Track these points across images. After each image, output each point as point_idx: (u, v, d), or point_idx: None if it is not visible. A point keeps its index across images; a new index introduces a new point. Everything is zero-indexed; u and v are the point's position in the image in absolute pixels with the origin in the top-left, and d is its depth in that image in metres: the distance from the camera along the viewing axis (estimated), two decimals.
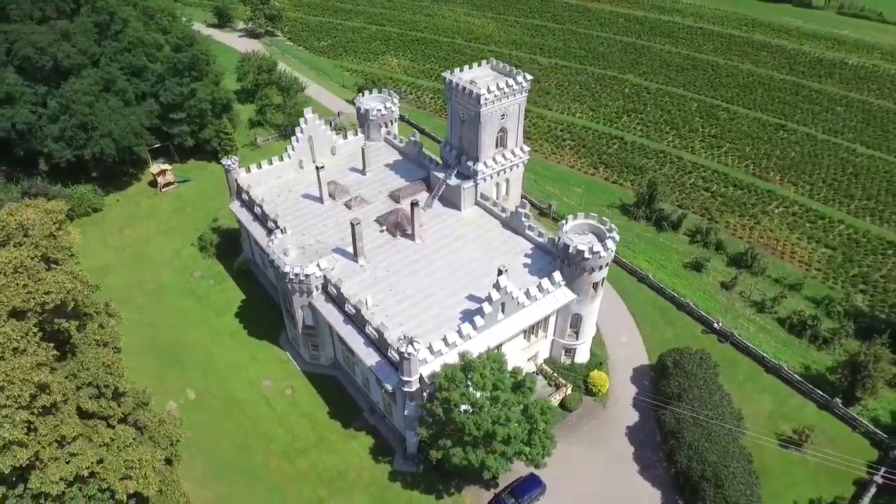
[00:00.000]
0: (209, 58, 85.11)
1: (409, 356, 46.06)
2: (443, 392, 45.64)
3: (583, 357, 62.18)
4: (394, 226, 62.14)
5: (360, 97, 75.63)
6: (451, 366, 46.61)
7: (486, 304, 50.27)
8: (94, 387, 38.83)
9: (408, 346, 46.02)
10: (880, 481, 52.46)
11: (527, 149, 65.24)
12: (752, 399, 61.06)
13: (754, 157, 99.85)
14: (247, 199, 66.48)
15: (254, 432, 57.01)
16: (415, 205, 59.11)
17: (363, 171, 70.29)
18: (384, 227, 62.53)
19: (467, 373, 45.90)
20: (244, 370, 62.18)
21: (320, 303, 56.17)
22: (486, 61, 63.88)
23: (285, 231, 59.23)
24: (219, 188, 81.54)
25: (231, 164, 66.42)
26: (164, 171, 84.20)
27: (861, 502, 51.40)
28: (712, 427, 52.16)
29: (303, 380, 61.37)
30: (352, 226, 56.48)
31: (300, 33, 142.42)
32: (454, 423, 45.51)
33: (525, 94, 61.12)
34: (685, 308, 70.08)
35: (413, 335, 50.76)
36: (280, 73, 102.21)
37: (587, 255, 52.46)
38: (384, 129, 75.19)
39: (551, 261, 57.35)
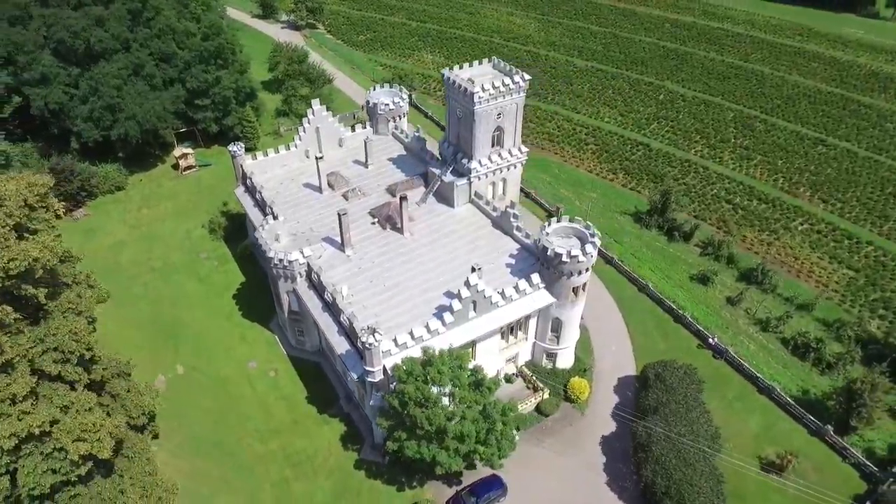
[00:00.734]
0: (235, 47, 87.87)
1: (370, 346, 46.60)
2: (400, 384, 46.01)
3: (566, 362, 61.36)
4: (385, 219, 62.81)
5: (371, 91, 76.61)
6: (412, 359, 46.88)
7: (456, 301, 50.31)
8: (59, 352, 40.90)
9: (369, 337, 46.56)
10: None
11: (525, 149, 64.74)
12: (740, 419, 59.01)
13: (786, 172, 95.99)
14: (250, 185, 68.41)
15: (233, 410, 58.75)
16: (403, 199, 59.58)
17: (365, 163, 71.21)
18: (376, 220, 63.28)
19: (426, 367, 46.08)
20: (233, 350, 64.10)
21: (303, 289, 57.37)
22: (488, 59, 63.73)
23: (277, 217, 60.73)
24: None
25: (237, 150, 68.48)
26: (185, 154, 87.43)
27: None
28: (683, 444, 50.69)
29: (287, 363, 62.83)
30: (339, 216, 57.44)
31: (341, 27, 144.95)
32: (409, 416, 45.80)
33: (523, 94, 60.67)
34: (682, 321, 68.18)
35: (387, 327, 51.53)
36: (308, 64, 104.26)
37: (565, 258, 51.79)
38: (392, 124, 75.94)
39: (534, 262, 56.85)
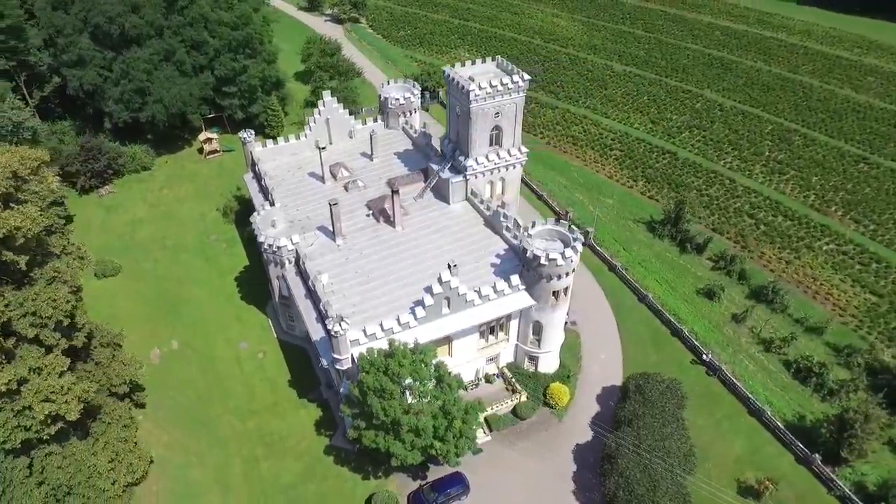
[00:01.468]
0: (263, 37, 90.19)
1: (336, 334, 47.34)
2: (362, 374, 46.57)
3: (549, 367, 60.62)
4: (379, 211, 63.47)
5: (384, 86, 77.45)
6: (375, 350, 47.35)
7: (428, 297, 50.49)
8: (37, 316, 43.21)
9: (336, 325, 47.30)
10: None
11: (525, 150, 64.18)
12: (724, 440, 57.05)
13: (819, 189, 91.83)
14: (258, 172, 70.30)
15: (218, 388, 60.69)
16: (396, 192, 60.07)
17: (371, 156, 72.10)
18: (371, 212, 64.04)
19: (388, 359, 46.46)
20: (228, 330, 66.15)
21: (291, 275, 58.66)
22: (492, 58, 63.47)
23: (274, 204, 62.26)
24: None
25: (247, 136, 70.46)
26: (210, 139, 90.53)
27: None
28: (651, 459, 49.41)
29: (276, 347, 64.42)
30: (330, 206, 58.43)
31: (383, 22, 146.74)
32: (368, 405, 46.30)
33: (523, 94, 60.18)
34: (679, 335, 66.29)
35: (364, 317, 52.22)
36: (339, 57, 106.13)
37: (543, 261, 51.19)
38: (402, 119, 76.58)
39: (518, 264, 56.40)
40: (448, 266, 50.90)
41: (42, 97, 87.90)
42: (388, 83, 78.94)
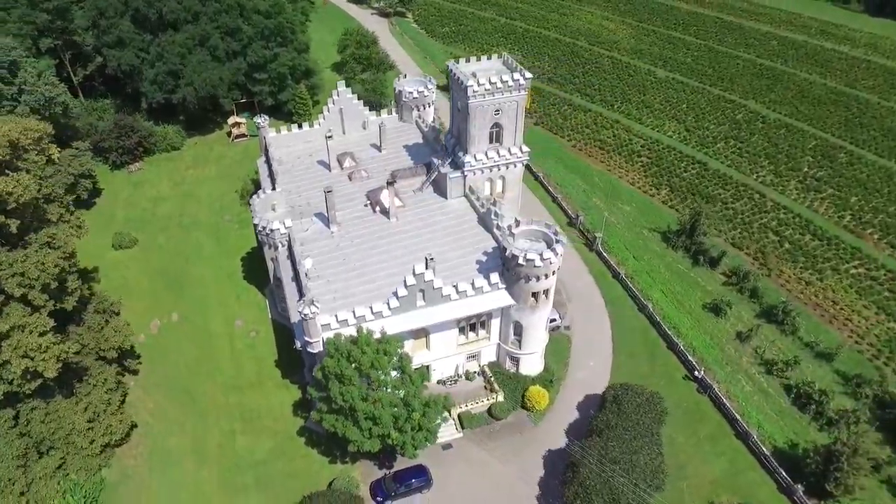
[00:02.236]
0: (295, 27, 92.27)
1: (306, 317, 48.23)
2: (327, 358, 47.31)
3: (531, 369, 59.87)
4: (376, 202, 64.05)
5: (399, 79, 77.99)
6: (340, 335, 47.99)
7: (401, 288, 50.76)
8: (25, 277, 45.83)
9: (306, 308, 48.18)
10: None
11: (526, 149, 63.42)
12: (704, 460, 55.04)
13: (857, 209, 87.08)
14: (269, 157, 72.12)
15: (209, 361, 62.76)
16: (391, 184, 60.64)
17: (380, 147, 72.83)
18: (369, 202, 64.74)
19: (352, 345, 47.02)
20: (226, 307, 68.29)
21: (282, 258, 60.01)
22: (498, 55, 63.06)
23: (275, 188, 63.78)
24: None
25: (262, 122, 72.34)
26: (238, 123, 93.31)
27: None
28: (613, 472, 48.16)
29: (269, 327, 66.09)
30: (325, 193, 59.44)
31: (428, 17, 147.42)
32: (328, 389, 47.01)
33: (524, 93, 59.53)
34: (675, 348, 64.24)
35: (341, 304, 52.98)
36: (373, 49, 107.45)
37: (521, 261, 50.63)
38: (416, 112, 76.96)
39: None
40: (425, 259, 50.99)
41: (85, 75, 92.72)
42: (402, 77, 79.35)
